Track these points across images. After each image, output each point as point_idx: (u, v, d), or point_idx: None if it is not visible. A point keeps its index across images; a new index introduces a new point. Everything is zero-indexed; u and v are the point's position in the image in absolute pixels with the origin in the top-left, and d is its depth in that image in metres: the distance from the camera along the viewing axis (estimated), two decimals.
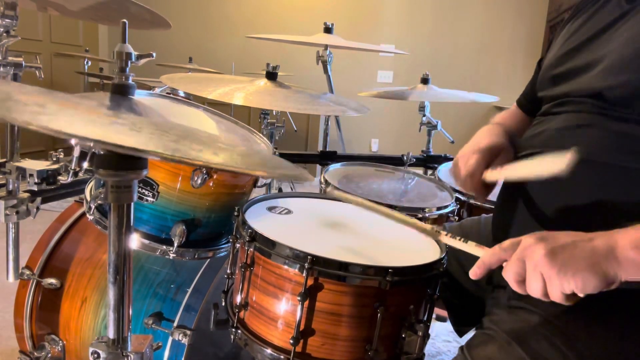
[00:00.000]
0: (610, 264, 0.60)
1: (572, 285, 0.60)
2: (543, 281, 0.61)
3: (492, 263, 0.67)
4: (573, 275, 0.60)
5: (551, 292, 0.61)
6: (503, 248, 0.67)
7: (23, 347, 1.21)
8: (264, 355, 0.78)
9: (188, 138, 0.55)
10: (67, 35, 4.70)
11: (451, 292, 1.02)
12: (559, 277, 0.60)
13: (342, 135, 2.53)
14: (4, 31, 1.05)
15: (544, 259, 0.61)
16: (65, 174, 1.11)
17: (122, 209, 0.61)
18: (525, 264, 0.63)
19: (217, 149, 0.55)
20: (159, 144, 0.48)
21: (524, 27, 4.69)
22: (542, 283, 0.62)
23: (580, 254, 0.61)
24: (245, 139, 1.19)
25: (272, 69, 1.31)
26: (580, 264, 0.60)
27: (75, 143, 0.87)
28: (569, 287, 0.60)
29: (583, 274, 0.60)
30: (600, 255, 0.61)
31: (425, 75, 2.06)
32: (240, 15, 5.04)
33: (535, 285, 0.62)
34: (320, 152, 2.13)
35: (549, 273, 0.60)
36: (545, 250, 0.61)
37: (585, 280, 0.60)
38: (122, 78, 0.64)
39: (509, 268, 0.65)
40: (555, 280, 0.60)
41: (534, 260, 0.62)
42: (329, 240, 0.87)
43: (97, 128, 0.47)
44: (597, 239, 0.62)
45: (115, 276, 0.62)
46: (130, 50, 0.65)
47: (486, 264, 0.67)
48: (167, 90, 2.37)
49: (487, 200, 1.42)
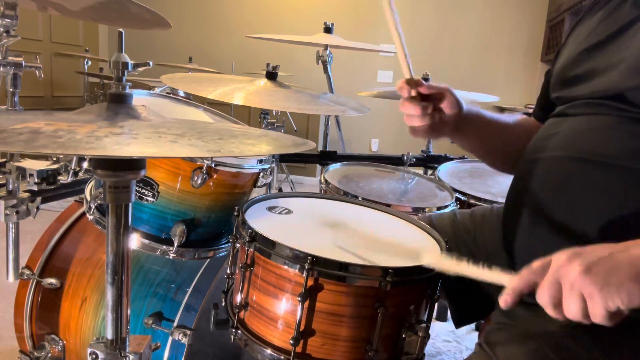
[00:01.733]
0: None
1: (617, 300, 0.55)
2: (583, 301, 0.56)
3: (524, 288, 0.61)
4: (617, 289, 0.55)
5: (593, 311, 0.56)
6: (533, 271, 0.61)
7: (23, 347, 1.21)
8: (264, 355, 0.77)
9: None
10: (67, 35, 4.71)
11: (454, 283, 1.00)
12: (602, 294, 0.55)
13: (342, 135, 2.54)
14: (4, 31, 1.05)
15: (581, 276, 0.56)
16: (65, 174, 1.11)
17: (121, 209, 0.61)
18: (561, 285, 0.58)
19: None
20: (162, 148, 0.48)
21: (524, 27, 4.68)
22: (581, 304, 0.56)
23: (619, 265, 0.56)
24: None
25: (272, 69, 1.31)
26: (622, 276, 0.55)
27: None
28: (614, 303, 0.55)
29: (627, 286, 0.55)
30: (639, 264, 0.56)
31: (425, 75, 2.06)
32: (240, 15, 5.04)
33: (575, 306, 0.57)
34: (320, 152, 2.13)
35: (590, 291, 0.55)
36: (581, 267, 0.56)
37: (631, 293, 0.55)
38: (119, 87, 0.64)
39: (544, 292, 0.59)
40: (597, 298, 0.55)
41: (571, 280, 0.56)
42: (329, 240, 0.87)
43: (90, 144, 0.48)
44: (632, 248, 0.58)
45: (114, 276, 0.62)
46: (127, 60, 0.65)
47: (517, 291, 0.62)
48: (167, 90, 2.37)
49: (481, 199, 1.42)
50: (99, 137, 0.50)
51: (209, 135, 0.59)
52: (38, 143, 0.46)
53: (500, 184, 1.56)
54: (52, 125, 0.52)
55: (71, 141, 0.47)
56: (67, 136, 0.48)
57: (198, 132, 0.59)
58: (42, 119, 0.56)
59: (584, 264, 0.56)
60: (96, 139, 0.49)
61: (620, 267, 0.56)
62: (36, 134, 0.49)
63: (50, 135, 0.48)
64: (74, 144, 0.46)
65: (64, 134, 0.49)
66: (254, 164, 1.08)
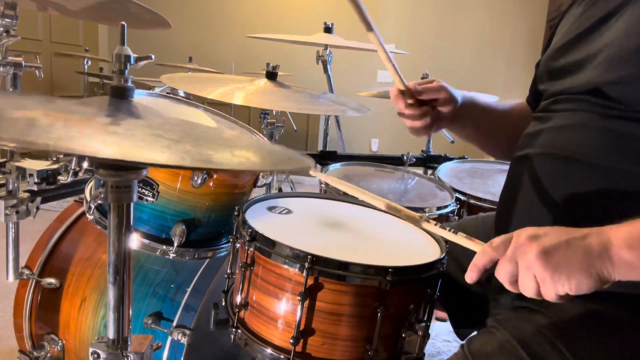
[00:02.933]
0: (604, 264, 0.59)
1: (566, 287, 0.59)
2: (536, 282, 0.60)
3: (485, 264, 0.65)
4: (567, 278, 0.58)
5: (544, 292, 0.60)
6: (494, 246, 0.64)
7: (23, 347, 1.21)
8: (264, 355, 0.77)
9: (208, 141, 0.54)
10: (67, 35, 4.70)
11: (451, 294, 1.01)
12: (553, 279, 0.59)
13: (342, 135, 2.54)
14: (4, 31, 1.05)
15: (536, 260, 0.59)
16: (65, 174, 1.11)
17: (122, 209, 0.61)
18: (518, 264, 0.61)
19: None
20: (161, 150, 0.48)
21: (524, 27, 4.69)
22: (535, 284, 0.60)
23: (573, 255, 0.59)
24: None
25: (272, 68, 1.31)
26: (573, 266, 0.59)
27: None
28: (563, 289, 0.59)
29: (577, 276, 0.58)
30: (594, 256, 0.59)
31: (425, 74, 2.06)
32: (240, 15, 5.04)
33: (529, 285, 0.61)
34: (320, 151, 2.13)
35: (542, 275, 0.59)
36: (538, 251, 0.59)
37: (579, 283, 0.58)
38: (121, 80, 0.64)
39: (502, 268, 0.63)
40: (549, 282, 0.59)
41: (527, 262, 0.60)
42: (329, 240, 0.87)
43: (92, 140, 0.47)
44: (590, 237, 0.60)
45: (115, 276, 0.62)
46: (129, 53, 0.65)
47: (479, 266, 0.65)
48: (167, 90, 2.37)
49: (484, 199, 1.42)
50: (93, 135, 0.49)
51: (205, 143, 0.58)
52: (30, 137, 0.45)
53: (500, 184, 1.54)
54: (49, 115, 0.51)
55: (65, 137, 0.46)
56: (62, 131, 0.48)
57: (194, 140, 0.58)
58: (41, 107, 0.55)
59: (541, 248, 0.59)
60: (88, 137, 0.48)
61: (574, 256, 0.59)
62: (31, 127, 0.48)
63: (45, 130, 0.47)
64: (68, 140, 0.46)
65: (59, 128, 0.48)
66: None
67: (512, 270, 0.62)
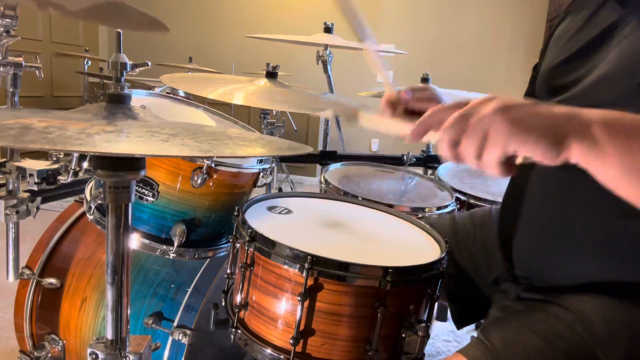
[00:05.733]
0: (572, 129, 0.51)
1: (520, 146, 0.51)
2: (482, 141, 0.53)
3: (433, 122, 0.58)
4: (525, 135, 0.51)
5: (488, 152, 0.53)
6: (448, 106, 0.57)
7: (23, 347, 1.21)
8: (264, 355, 0.77)
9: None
10: (67, 35, 4.71)
11: (455, 284, 1.00)
12: (507, 136, 0.51)
13: (342, 135, 2.53)
14: (4, 31, 1.05)
15: (494, 113, 0.52)
16: (65, 174, 1.11)
17: (120, 210, 0.61)
18: (469, 121, 0.54)
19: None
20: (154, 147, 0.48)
21: (524, 27, 4.68)
22: (480, 142, 0.53)
23: (538, 114, 0.53)
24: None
25: (272, 68, 1.31)
26: (536, 123, 0.51)
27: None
28: (513, 147, 0.51)
29: (536, 134, 0.51)
30: (561, 118, 0.52)
31: (425, 75, 2.06)
32: (240, 15, 5.04)
33: (473, 143, 0.53)
34: (320, 151, 2.13)
35: (496, 130, 0.51)
36: (498, 106, 0.52)
37: (537, 142, 0.51)
38: (118, 88, 0.64)
39: (450, 125, 0.55)
40: (500, 139, 0.51)
41: (482, 114, 0.53)
42: (329, 240, 0.87)
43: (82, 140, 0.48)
44: (562, 107, 0.54)
45: (114, 277, 0.62)
46: (126, 60, 0.65)
47: (427, 123, 0.59)
48: (167, 90, 2.37)
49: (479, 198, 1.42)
50: (90, 135, 0.50)
51: (202, 136, 0.59)
52: (27, 138, 0.46)
53: (500, 184, 1.56)
54: (44, 122, 0.52)
55: (60, 137, 0.47)
56: (57, 132, 0.48)
57: (192, 133, 0.59)
58: (37, 116, 0.56)
59: (502, 104, 0.53)
60: (87, 136, 0.49)
61: (539, 115, 0.53)
62: (26, 130, 0.48)
63: (41, 131, 0.48)
64: (63, 140, 0.46)
65: (54, 130, 0.49)
66: (253, 163, 1.08)
67: (459, 129, 0.54)
